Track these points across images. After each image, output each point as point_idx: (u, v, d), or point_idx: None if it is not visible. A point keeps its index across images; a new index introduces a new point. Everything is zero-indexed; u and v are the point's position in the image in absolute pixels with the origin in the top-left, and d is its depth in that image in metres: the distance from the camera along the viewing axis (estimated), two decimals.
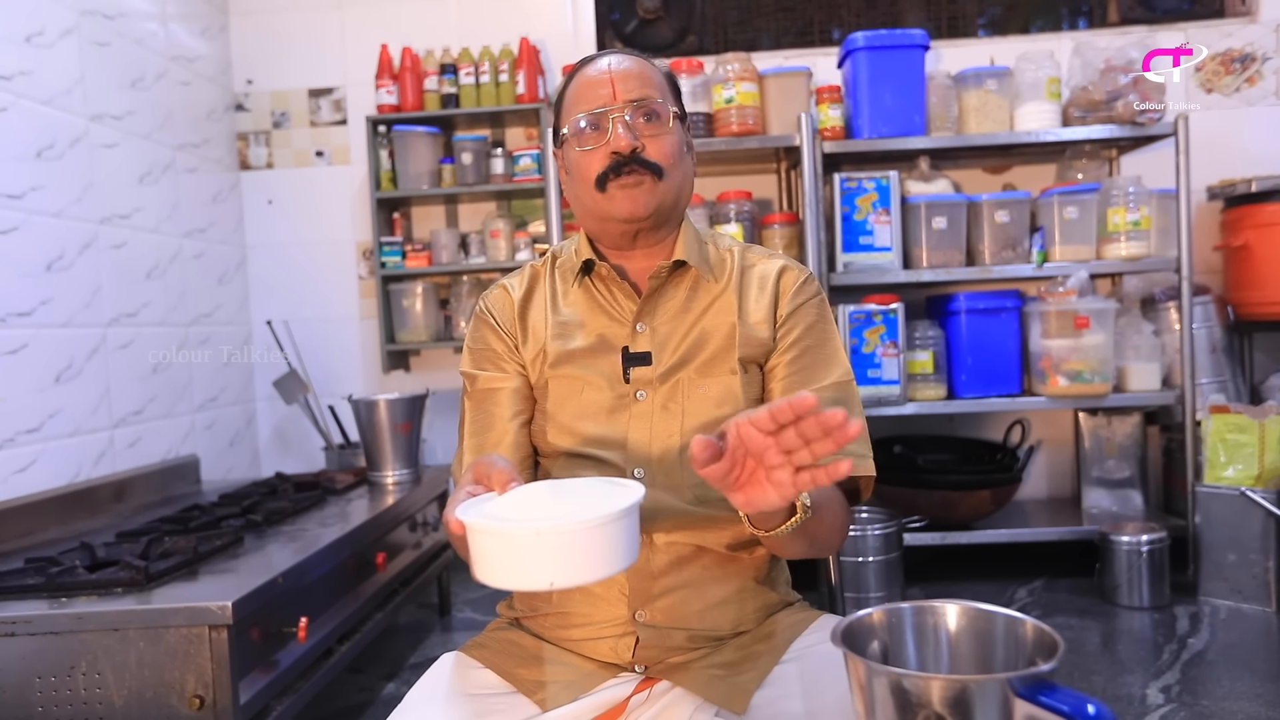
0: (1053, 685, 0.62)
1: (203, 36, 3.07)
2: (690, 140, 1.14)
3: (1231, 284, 2.94)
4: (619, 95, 1.05)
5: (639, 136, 1.04)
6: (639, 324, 1.09)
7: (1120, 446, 2.91)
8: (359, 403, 2.54)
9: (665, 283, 1.10)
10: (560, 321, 1.11)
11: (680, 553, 1.04)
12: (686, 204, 1.13)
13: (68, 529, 2.07)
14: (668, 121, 1.06)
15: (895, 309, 2.73)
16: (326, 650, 1.85)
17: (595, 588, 1.04)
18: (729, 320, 1.08)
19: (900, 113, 2.76)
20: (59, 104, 2.29)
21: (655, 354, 1.07)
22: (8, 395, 2.06)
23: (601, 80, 1.06)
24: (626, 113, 1.04)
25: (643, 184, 1.04)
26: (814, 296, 1.13)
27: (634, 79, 1.06)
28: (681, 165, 1.09)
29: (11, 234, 2.10)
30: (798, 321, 1.10)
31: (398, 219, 3.20)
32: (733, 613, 1.06)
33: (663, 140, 1.06)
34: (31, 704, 1.43)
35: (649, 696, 1.01)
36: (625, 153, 1.03)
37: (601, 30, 3.26)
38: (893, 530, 2.60)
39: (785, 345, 1.09)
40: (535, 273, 1.16)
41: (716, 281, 1.11)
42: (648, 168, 1.04)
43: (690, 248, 1.11)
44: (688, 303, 1.10)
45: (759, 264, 1.14)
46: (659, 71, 1.11)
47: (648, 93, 1.06)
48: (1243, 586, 2.51)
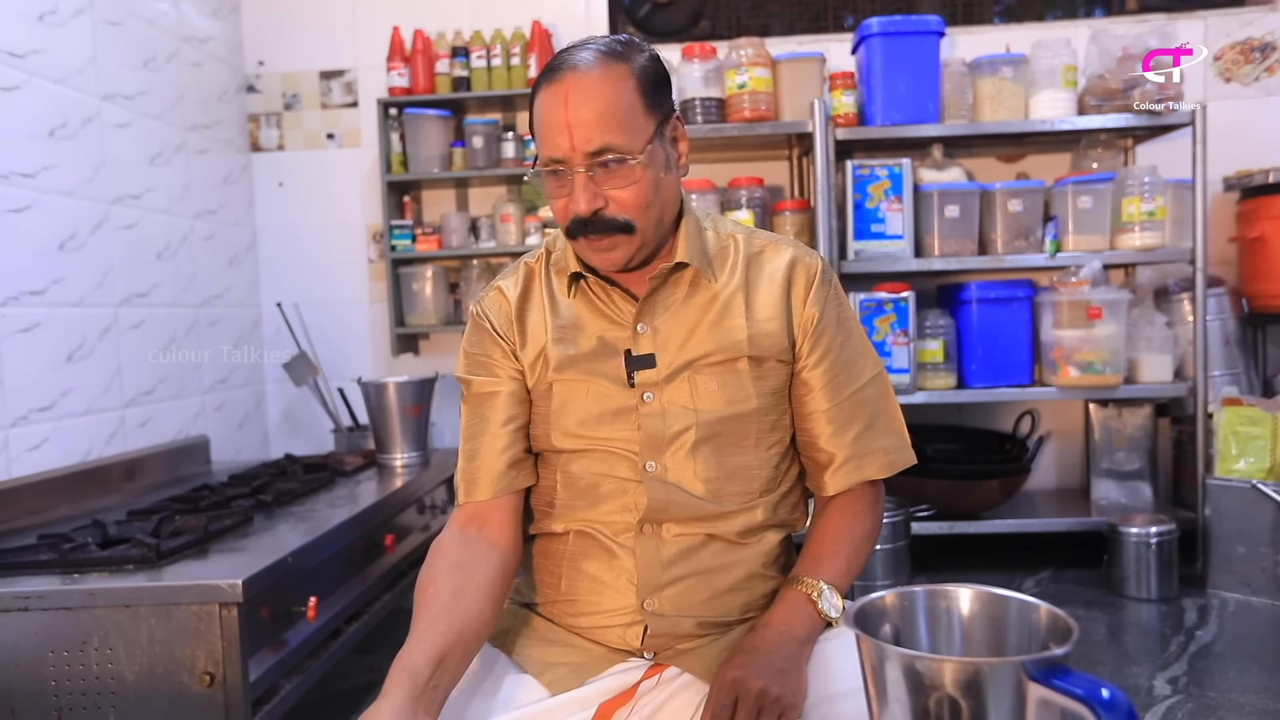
0: (1067, 669, 0.62)
1: (214, 17, 3.06)
2: (672, 147, 1.05)
3: (1246, 276, 2.92)
4: (577, 145, 0.95)
5: (601, 192, 0.97)
6: (639, 325, 1.06)
7: (1130, 438, 2.90)
8: (368, 385, 2.54)
9: (664, 281, 1.07)
10: (560, 325, 1.08)
11: (689, 542, 1.04)
12: (673, 216, 1.06)
13: (79, 507, 2.08)
14: (634, 170, 0.97)
15: (906, 297, 2.71)
16: (335, 630, 1.86)
17: (604, 576, 1.04)
18: (736, 317, 1.06)
19: (914, 100, 2.74)
20: (71, 83, 2.28)
21: (659, 354, 1.05)
22: (20, 374, 2.07)
23: (558, 122, 0.96)
24: (584, 165, 0.96)
25: (616, 246, 1.00)
26: (832, 291, 1.10)
27: (592, 121, 0.95)
28: (657, 199, 1.01)
29: (24, 213, 2.10)
30: (824, 326, 1.08)
31: (408, 202, 3.19)
32: (741, 598, 1.05)
33: (629, 192, 0.98)
34: (44, 678, 1.44)
35: (658, 682, 1.01)
36: (586, 215, 0.98)
37: (614, 14, 3.24)
38: (900, 519, 2.59)
39: (816, 355, 1.08)
40: (530, 271, 1.13)
41: (718, 278, 1.07)
42: (615, 228, 0.99)
43: (692, 246, 1.06)
44: (688, 299, 1.07)
45: (766, 253, 1.10)
46: (629, 86, 0.97)
47: (609, 140, 0.95)
48: (1252, 580, 2.51)
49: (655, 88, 1.01)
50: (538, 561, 1.12)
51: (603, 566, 1.05)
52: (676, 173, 1.06)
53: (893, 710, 0.66)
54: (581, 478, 1.06)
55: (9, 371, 2.04)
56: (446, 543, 1.05)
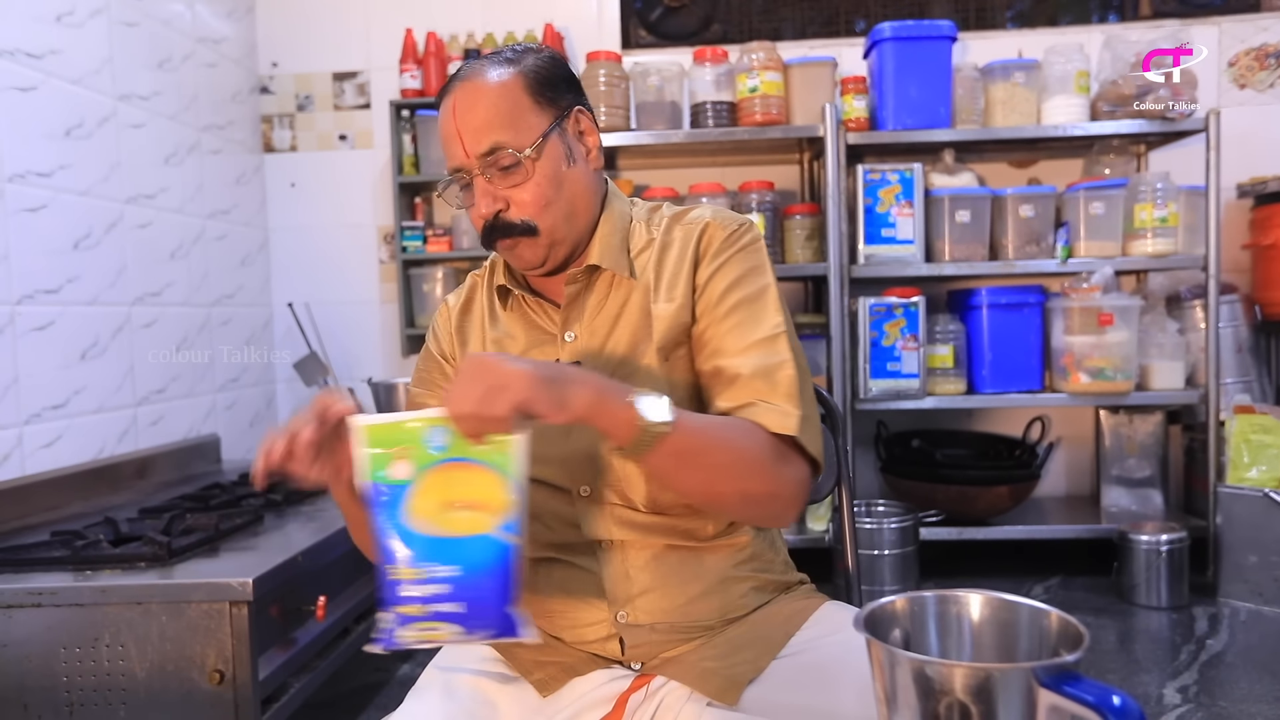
0: (1078, 676, 0.62)
1: (229, 19, 3.08)
2: (576, 141, 1.02)
3: (1259, 283, 2.90)
4: (469, 150, 0.96)
5: (499, 194, 0.98)
6: (567, 333, 1.03)
7: (1141, 445, 2.88)
8: (378, 386, 2.56)
9: (586, 286, 1.04)
10: (495, 337, 1.08)
11: (652, 552, 1.01)
12: (588, 213, 1.03)
13: (91, 504, 2.10)
14: (526, 166, 0.97)
15: (916, 302, 2.71)
16: (344, 629, 1.87)
17: (575, 591, 1.01)
18: (644, 308, 1.01)
19: (925, 104, 2.73)
20: (88, 83, 2.30)
21: (585, 361, 1.01)
22: (35, 371, 2.09)
23: (450, 131, 0.98)
24: (479, 168, 0.97)
25: (518, 245, 1.00)
26: (738, 249, 1.02)
27: (480, 123, 0.96)
28: (560, 196, 0.99)
29: (40, 212, 2.12)
30: (716, 284, 1.00)
31: (419, 204, 3.20)
32: (717, 602, 1.02)
33: (526, 189, 0.97)
34: (56, 674, 1.46)
35: (646, 694, 0.97)
36: (489, 218, 0.99)
37: (625, 17, 3.25)
38: (909, 524, 2.59)
39: (703, 314, 1.00)
40: (474, 284, 1.13)
41: (636, 273, 1.03)
42: (515, 230, 0.99)
43: (607, 246, 1.03)
44: (606, 300, 1.04)
45: (680, 230, 1.05)
46: (515, 85, 0.98)
47: (495, 138, 0.96)
48: (1264, 589, 2.49)
49: (547, 84, 1.00)
50: None
51: (579, 584, 1.02)
52: (585, 166, 1.03)
53: (902, 715, 0.66)
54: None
55: (23, 369, 2.05)
56: None
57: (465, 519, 0.81)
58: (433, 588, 0.79)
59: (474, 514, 0.81)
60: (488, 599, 0.81)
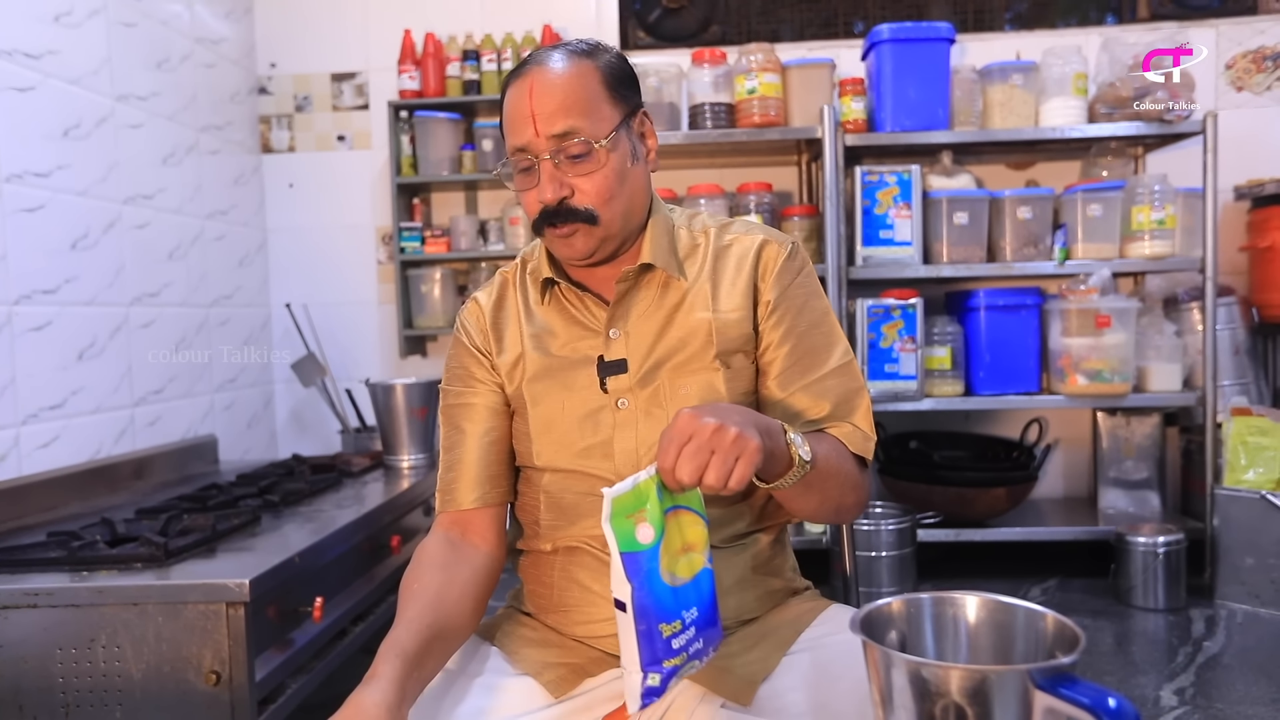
0: (1073, 678, 0.62)
1: (227, 19, 3.08)
2: (639, 141, 1.05)
3: (1256, 285, 2.91)
4: (540, 130, 0.97)
5: (566, 180, 0.98)
6: (611, 330, 1.05)
7: (1139, 447, 2.89)
8: (376, 387, 2.55)
9: (634, 285, 1.06)
10: (534, 333, 1.08)
11: None
12: (641, 212, 1.06)
13: (88, 504, 2.09)
14: (598, 156, 0.98)
15: (914, 304, 2.71)
16: (341, 631, 1.86)
17: (595, 585, 1.03)
18: (703, 314, 1.04)
19: (924, 106, 2.74)
20: (86, 84, 2.30)
21: (631, 359, 1.03)
22: (32, 371, 2.08)
23: (523, 111, 0.98)
24: (549, 152, 0.98)
25: (576, 233, 1.00)
26: (799, 274, 1.07)
27: (556, 107, 0.97)
28: (623, 190, 1.01)
29: (38, 212, 2.12)
30: (788, 308, 1.05)
31: (417, 204, 3.20)
32: (733, 603, 1.04)
33: (593, 179, 0.98)
34: (52, 674, 1.45)
35: None
36: (552, 204, 0.99)
37: (624, 19, 3.25)
38: (906, 526, 2.59)
39: (777, 337, 1.04)
40: (505, 280, 1.14)
41: (687, 275, 1.06)
42: (578, 217, 0.99)
43: (658, 246, 1.05)
44: (659, 301, 1.05)
45: (736, 243, 1.08)
46: (593, 77, 1.00)
47: (572, 123, 0.97)
48: (1260, 591, 2.49)
49: (620, 82, 1.03)
50: (529, 573, 1.12)
51: (593, 576, 1.04)
52: (644, 167, 1.06)
53: (899, 717, 0.66)
54: (563, 497, 1.06)
55: (21, 369, 2.05)
56: (431, 545, 1.07)
57: (690, 561, 0.86)
58: (687, 633, 0.85)
59: (693, 555, 0.87)
60: (713, 625, 0.88)
